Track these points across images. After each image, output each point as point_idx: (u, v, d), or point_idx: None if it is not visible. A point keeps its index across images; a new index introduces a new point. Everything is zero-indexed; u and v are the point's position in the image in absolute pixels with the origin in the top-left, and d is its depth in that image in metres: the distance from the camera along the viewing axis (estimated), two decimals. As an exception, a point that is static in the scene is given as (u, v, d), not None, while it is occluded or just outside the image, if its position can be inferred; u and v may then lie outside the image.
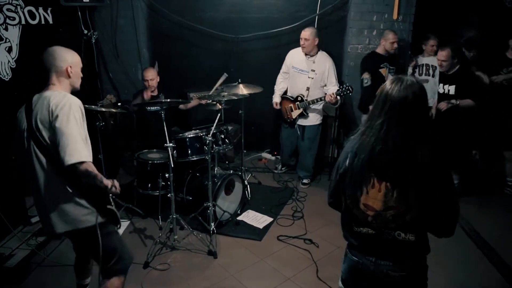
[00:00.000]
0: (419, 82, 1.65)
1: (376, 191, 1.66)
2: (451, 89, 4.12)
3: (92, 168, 2.04)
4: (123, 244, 2.46)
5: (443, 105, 4.07)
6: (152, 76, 4.26)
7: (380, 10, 4.86)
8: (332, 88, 4.39)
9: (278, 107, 4.72)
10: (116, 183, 2.18)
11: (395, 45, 4.49)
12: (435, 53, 4.73)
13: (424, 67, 4.92)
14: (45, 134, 2.05)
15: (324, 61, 4.43)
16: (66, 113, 2.02)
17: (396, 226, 1.66)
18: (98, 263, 2.27)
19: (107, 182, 2.10)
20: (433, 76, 4.85)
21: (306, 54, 4.43)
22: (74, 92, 2.28)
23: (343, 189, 1.78)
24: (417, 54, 5.00)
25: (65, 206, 2.15)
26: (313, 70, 4.40)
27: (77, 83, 2.31)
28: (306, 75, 4.45)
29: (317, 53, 4.44)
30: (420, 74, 4.93)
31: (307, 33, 4.30)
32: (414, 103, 1.59)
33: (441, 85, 4.23)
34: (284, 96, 4.73)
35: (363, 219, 1.72)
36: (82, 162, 1.98)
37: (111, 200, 2.27)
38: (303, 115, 4.57)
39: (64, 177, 2.09)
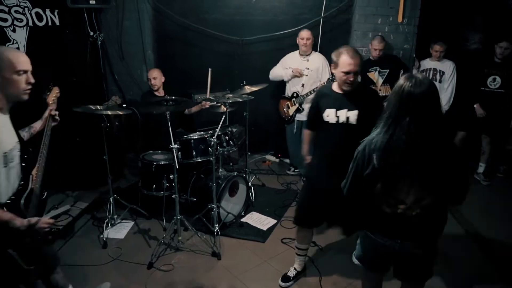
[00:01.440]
0: (426, 77, 1.93)
1: (408, 185, 1.89)
2: (352, 117, 2.68)
3: None
4: None
5: None
6: (155, 75, 4.34)
7: (385, 13, 4.86)
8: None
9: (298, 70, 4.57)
10: (44, 221, 1.92)
11: (377, 53, 4.60)
12: (439, 59, 4.77)
13: (431, 72, 4.90)
14: None
15: (317, 58, 4.63)
16: None
17: (420, 211, 1.90)
18: None
19: (20, 223, 1.84)
20: (440, 81, 4.84)
21: (301, 55, 4.63)
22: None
23: (369, 185, 1.97)
24: (425, 58, 4.98)
25: None
26: (308, 68, 4.56)
27: (15, 92, 1.90)
28: None
29: (311, 52, 4.64)
30: None
31: (308, 33, 4.54)
32: (434, 95, 1.81)
33: (332, 111, 2.73)
34: (281, 96, 4.88)
35: (392, 211, 1.96)
36: None
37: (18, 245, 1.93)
38: (299, 110, 4.69)
39: None
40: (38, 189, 2.13)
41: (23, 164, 2.08)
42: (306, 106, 4.64)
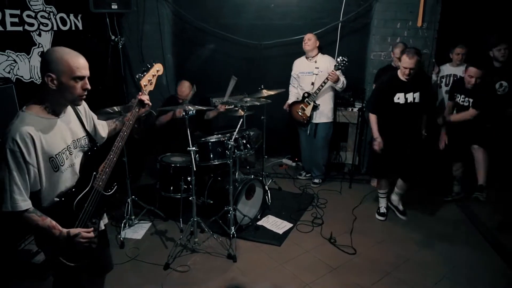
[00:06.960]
0: None
1: None
2: (416, 97, 3.80)
3: (31, 220, 1.76)
4: None
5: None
6: (186, 92, 4.41)
7: (404, 17, 4.82)
8: None
9: (287, 108, 4.91)
10: (84, 235, 1.86)
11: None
12: (461, 62, 4.59)
13: (451, 78, 4.66)
14: None
15: (325, 59, 4.70)
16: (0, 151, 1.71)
17: None
18: None
19: (59, 233, 1.81)
20: None
21: (307, 57, 4.70)
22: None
23: None
24: (445, 63, 4.78)
25: None
26: (317, 68, 4.63)
27: (70, 98, 1.86)
28: (310, 74, 4.67)
29: (317, 54, 4.67)
30: (447, 85, 4.66)
31: (310, 35, 4.64)
32: None
33: (401, 94, 3.80)
34: (292, 103, 4.89)
35: None
36: (9, 212, 1.72)
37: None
38: (315, 108, 4.71)
39: None
40: (102, 186, 2.02)
41: (85, 162, 1.99)
42: (322, 107, 4.69)
